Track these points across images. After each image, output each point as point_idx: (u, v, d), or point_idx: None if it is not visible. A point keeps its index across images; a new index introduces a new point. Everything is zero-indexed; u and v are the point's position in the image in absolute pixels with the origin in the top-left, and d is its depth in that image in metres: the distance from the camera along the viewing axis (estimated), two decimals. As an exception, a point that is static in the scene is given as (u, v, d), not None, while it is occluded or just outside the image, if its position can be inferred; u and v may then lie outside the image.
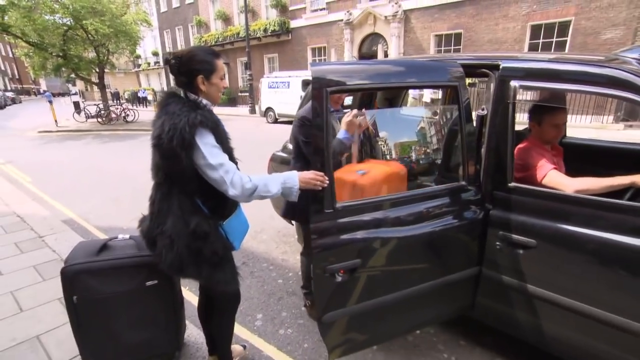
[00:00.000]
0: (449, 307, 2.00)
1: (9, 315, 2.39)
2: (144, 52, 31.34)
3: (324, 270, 1.55)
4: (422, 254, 1.80)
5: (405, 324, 1.95)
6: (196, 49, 1.46)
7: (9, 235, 3.70)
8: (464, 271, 1.89)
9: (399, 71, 1.80)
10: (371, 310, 1.74)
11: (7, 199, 4.95)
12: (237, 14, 22.40)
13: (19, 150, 9.82)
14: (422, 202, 1.76)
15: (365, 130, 2.01)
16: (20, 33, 12.84)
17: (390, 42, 15.12)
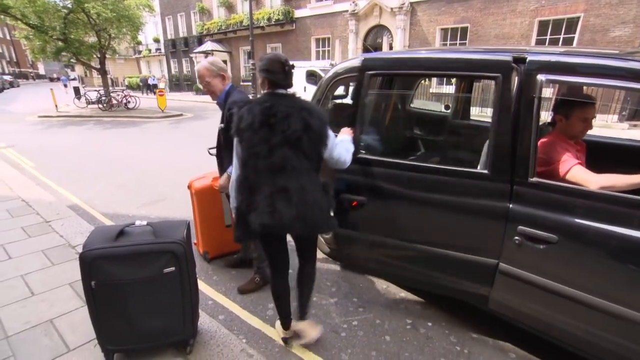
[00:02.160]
0: (461, 285, 2.07)
1: (21, 299, 2.39)
2: (145, 38, 30.91)
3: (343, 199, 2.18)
4: (431, 219, 2.06)
5: (408, 275, 2.26)
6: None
7: (16, 220, 3.68)
8: (478, 257, 1.93)
9: (439, 59, 2.03)
10: (377, 243, 2.23)
11: (11, 183, 4.92)
12: (240, 2, 22.09)
13: (19, 134, 9.73)
14: (442, 175, 1.99)
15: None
16: (20, 15, 12.62)
17: (396, 34, 14.97)
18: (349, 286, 2.74)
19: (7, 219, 3.71)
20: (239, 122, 1.68)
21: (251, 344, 2.11)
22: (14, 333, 2.09)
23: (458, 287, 2.11)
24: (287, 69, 1.77)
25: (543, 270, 1.73)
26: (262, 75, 1.78)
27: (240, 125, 1.67)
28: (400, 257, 2.26)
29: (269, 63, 1.75)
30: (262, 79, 1.80)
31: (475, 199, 1.92)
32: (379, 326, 2.29)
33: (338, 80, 2.88)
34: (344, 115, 3.25)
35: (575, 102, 1.89)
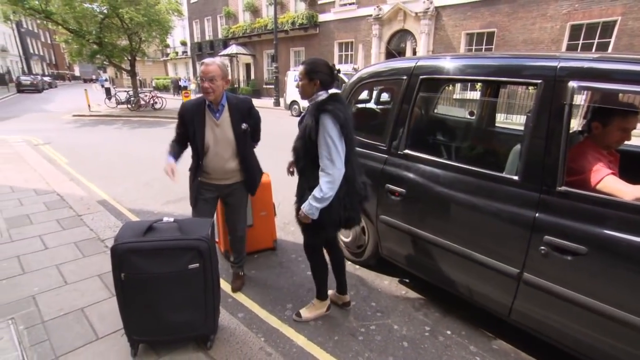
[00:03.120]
0: (483, 290, 2.08)
1: (55, 287, 2.52)
2: (173, 41, 31.95)
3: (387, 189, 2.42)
4: (460, 219, 2.11)
5: (435, 270, 2.32)
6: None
7: (51, 212, 3.88)
8: (501, 264, 1.91)
9: (489, 65, 2.08)
10: (409, 234, 2.37)
11: (48, 178, 5.19)
12: (265, 6, 22.49)
13: (56, 132, 10.26)
14: (473, 176, 2.04)
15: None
16: (61, 20, 13.36)
17: (420, 39, 14.84)
18: (367, 290, 2.73)
19: (44, 211, 3.92)
20: (345, 121, 1.86)
21: (269, 343, 2.14)
22: (50, 319, 2.21)
23: (480, 291, 2.09)
24: (334, 71, 2.01)
25: (570, 282, 1.67)
26: (318, 77, 1.94)
27: (345, 123, 1.86)
28: (429, 250, 2.31)
29: (319, 66, 1.96)
30: (312, 81, 1.95)
31: (501, 203, 1.90)
32: (396, 332, 2.27)
33: (363, 84, 2.91)
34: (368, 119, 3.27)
35: (616, 110, 1.83)
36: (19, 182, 5.02)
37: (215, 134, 2.28)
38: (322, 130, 1.84)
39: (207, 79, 2.14)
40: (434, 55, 2.93)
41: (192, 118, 2.25)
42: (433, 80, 2.37)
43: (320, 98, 1.96)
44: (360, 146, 2.80)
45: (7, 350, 1.97)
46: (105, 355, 1.92)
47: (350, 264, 3.12)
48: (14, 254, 2.99)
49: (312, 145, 1.90)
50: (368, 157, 2.69)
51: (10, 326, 2.16)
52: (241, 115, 2.34)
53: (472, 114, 3.38)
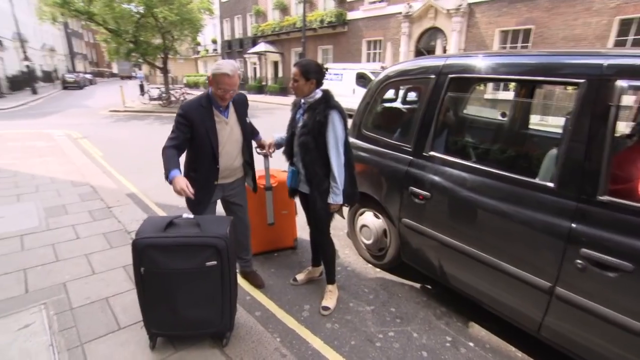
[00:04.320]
0: (512, 302, 1.95)
1: (84, 276, 2.62)
2: (204, 39, 32.73)
3: (411, 192, 2.37)
4: (488, 226, 1.99)
5: (458, 278, 2.24)
6: None
7: (84, 203, 4.06)
8: (532, 276, 1.79)
9: (526, 63, 1.95)
10: (432, 239, 2.30)
11: (83, 171, 5.45)
12: (294, 5, 22.57)
13: (93, 126, 10.78)
14: (503, 182, 1.93)
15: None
16: (101, 20, 14.02)
17: (451, 37, 14.38)
18: (387, 295, 2.65)
19: (78, 202, 4.11)
20: (346, 121, 2.15)
21: (285, 344, 2.12)
22: (77, 306, 2.30)
23: (507, 303, 1.97)
24: (324, 70, 2.22)
25: (611, 300, 1.53)
26: (314, 77, 2.13)
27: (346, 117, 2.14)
28: (453, 256, 2.20)
29: (313, 66, 2.15)
30: (309, 80, 2.14)
31: (533, 211, 1.78)
32: (416, 340, 2.19)
33: (389, 83, 2.83)
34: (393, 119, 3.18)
35: None
36: (59, 173, 5.29)
37: (226, 132, 2.25)
38: (331, 125, 2.10)
39: (229, 90, 2.11)
40: (465, 53, 2.79)
41: (202, 119, 2.14)
42: (463, 80, 2.26)
43: (318, 96, 2.19)
44: (384, 147, 2.73)
45: (38, 334, 2.07)
46: (125, 346, 1.96)
47: (371, 267, 3.05)
48: (50, 242, 3.14)
49: (322, 139, 2.13)
50: (392, 158, 2.61)
51: (42, 311, 2.26)
52: (244, 110, 2.38)
53: (505, 115, 3.21)
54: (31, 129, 9.57)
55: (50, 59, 39.55)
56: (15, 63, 26.26)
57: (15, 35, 23.07)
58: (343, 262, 3.15)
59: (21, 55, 23.67)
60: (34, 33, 31.74)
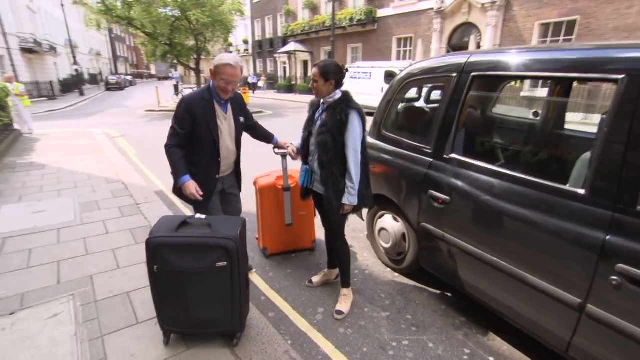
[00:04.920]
0: (537, 318, 1.81)
1: (109, 270, 2.73)
2: (236, 40, 33.44)
3: (430, 195, 2.26)
4: (511, 235, 1.85)
5: (479, 288, 2.10)
6: None
7: (115, 200, 4.26)
8: (560, 290, 1.64)
9: (556, 59, 1.79)
10: (452, 245, 2.18)
11: (117, 168, 5.72)
12: (324, 3, 22.54)
13: (130, 125, 11.33)
14: (529, 187, 1.79)
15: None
16: (140, 24, 14.73)
17: (485, 32, 13.77)
18: (404, 301, 2.56)
19: (110, 198, 4.31)
20: (365, 122, 2.14)
21: (295, 347, 2.09)
22: (101, 299, 2.40)
23: (532, 319, 1.82)
24: (344, 71, 2.22)
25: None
26: (333, 78, 2.12)
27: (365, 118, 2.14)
28: (474, 265, 2.07)
29: (332, 67, 2.14)
30: (328, 81, 2.12)
31: (561, 220, 1.63)
32: (431, 350, 2.09)
33: (411, 81, 2.72)
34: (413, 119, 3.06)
35: None
36: (96, 170, 5.59)
37: (225, 127, 2.30)
38: (351, 125, 2.08)
39: (233, 82, 2.15)
40: (490, 49, 2.63)
41: (204, 113, 2.18)
42: (487, 78, 2.12)
43: (337, 96, 2.18)
44: (404, 148, 2.63)
45: (64, 324, 2.18)
46: (141, 340, 2.02)
47: (390, 271, 2.97)
48: (82, 236, 3.32)
49: (341, 139, 2.11)
50: (411, 160, 2.51)
51: (70, 302, 2.38)
52: (240, 109, 2.44)
53: (537, 115, 3.00)
54: (76, 129, 10.20)
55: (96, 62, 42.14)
56: (66, 67, 28.22)
57: (67, 42, 24.74)
58: (361, 265, 3.08)
59: (71, 60, 25.33)
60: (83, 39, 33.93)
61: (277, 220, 3.05)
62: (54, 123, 11.78)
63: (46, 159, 6.38)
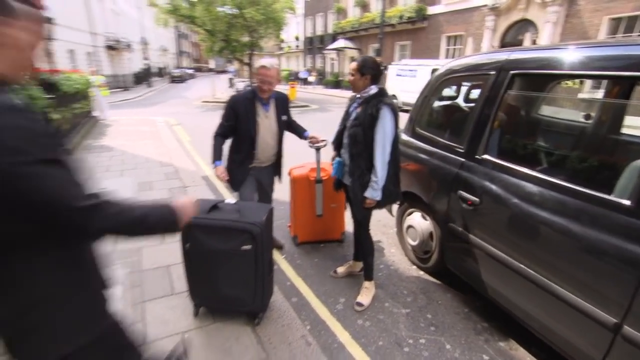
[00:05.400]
0: (565, 334, 1.65)
1: (155, 244, 2.92)
2: (288, 36, 33.86)
3: (459, 196, 2.12)
4: (541, 240, 1.70)
5: (504, 295, 1.95)
6: None
7: (167, 182, 4.55)
8: (594, 308, 1.47)
9: (602, 57, 1.60)
10: (478, 248, 2.03)
11: (172, 153, 6.10)
12: (375, 1, 22.00)
13: (187, 115, 12.00)
14: (563, 193, 1.62)
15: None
16: (201, 22, 15.44)
17: (543, 29, 12.59)
18: (426, 300, 2.46)
19: (163, 180, 4.62)
20: (397, 112, 2.08)
21: (313, 333, 2.10)
22: (146, 269, 2.59)
23: (561, 334, 1.66)
24: (381, 67, 2.18)
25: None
26: (368, 73, 2.11)
27: (398, 114, 2.09)
28: (500, 271, 1.92)
29: (369, 63, 2.13)
30: (364, 76, 2.12)
31: (602, 232, 1.45)
32: (448, 352, 1.99)
33: (449, 79, 2.58)
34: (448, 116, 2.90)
35: None
36: (153, 154, 6.01)
37: (264, 124, 2.48)
38: (382, 121, 2.03)
39: (267, 81, 2.34)
40: (535, 46, 2.39)
41: (246, 111, 2.41)
42: (529, 77, 1.93)
43: (373, 92, 2.14)
44: (436, 146, 2.51)
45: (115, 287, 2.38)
46: (174, 310, 2.15)
47: (415, 268, 2.87)
48: (135, 212, 3.58)
49: (371, 133, 2.07)
50: (442, 159, 2.38)
51: (121, 269, 2.59)
52: (283, 108, 2.57)
53: (588, 118, 2.69)
54: (141, 116, 11.02)
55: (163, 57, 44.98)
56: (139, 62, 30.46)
57: (141, 39, 26.71)
58: (387, 260, 3.01)
59: (143, 55, 27.33)
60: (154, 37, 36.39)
61: (308, 210, 3.06)
62: (125, 111, 12.81)
63: (114, 142, 6.97)
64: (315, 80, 26.12)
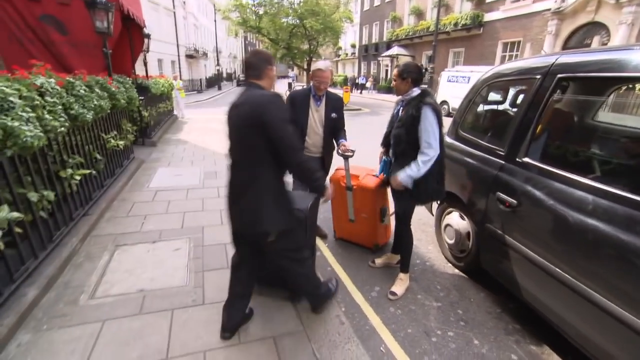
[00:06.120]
0: (601, 343, 1.52)
1: (216, 225, 3.21)
2: (344, 44, 33.92)
3: (497, 197, 2.05)
4: (581, 246, 1.57)
5: (539, 299, 1.84)
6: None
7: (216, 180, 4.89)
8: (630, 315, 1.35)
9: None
10: (515, 250, 1.94)
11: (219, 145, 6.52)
12: (430, 9, 21.16)
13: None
14: (609, 199, 1.49)
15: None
16: (266, 32, 16.23)
17: (616, 32, 11.12)
18: (458, 296, 2.39)
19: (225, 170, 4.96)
20: (440, 112, 2.08)
21: (347, 315, 2.17)
22: (207, 245, 2.85)
23: (598, 344, 1.53)
24: (422, 70, 2.21)
25: None
26: (408, 76, 2.14)
27: (441, 114, 2.09)
28: (537, 275, 1.82)
29: (410, 67, 2.17)
30: (405, 80, 2.15)
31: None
32: (475, 347, 1.93)
33: (495, 82, 2.47)
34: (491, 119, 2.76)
35: None
36: (219, 148, 6.48)
37: (314, 116, 2.66)
38: (424, 120, 2.02)
39: (322, 82, 2.54)
40: (587, 49, 2.18)
41: (301, 103, 2.64)
42: (578, 80, 1.79)
43: (415, 93, 2.14)
44: (477, 148, 2.43)
45: (182, 257, 2.67)
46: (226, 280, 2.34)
47: (450, 266, 2.79)
48: (201, 196, 3.94)
49: (414, 132, 2.07)
50: (483, 161, 2.30)
51: (187, 243, 2.89)
52: (333, 107, 2.69)
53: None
54: (211, 115, 11.91)
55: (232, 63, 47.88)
56: (212, 68, 32.83)
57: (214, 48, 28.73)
58: (423, 256, 2.96)
59: (215, 62, 29.40)
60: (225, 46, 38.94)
61: (342, 212, 2.99)
62: (199, 110, 13.93)
63: (189, 137, 7.65)
64: (372, 86, 25.87)
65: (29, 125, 2.01)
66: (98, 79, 3.92)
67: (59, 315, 1.95)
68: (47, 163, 2.47)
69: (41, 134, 2.11)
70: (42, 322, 1.89)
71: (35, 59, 2.82)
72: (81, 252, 2.67)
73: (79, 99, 3.05)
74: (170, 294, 2.18)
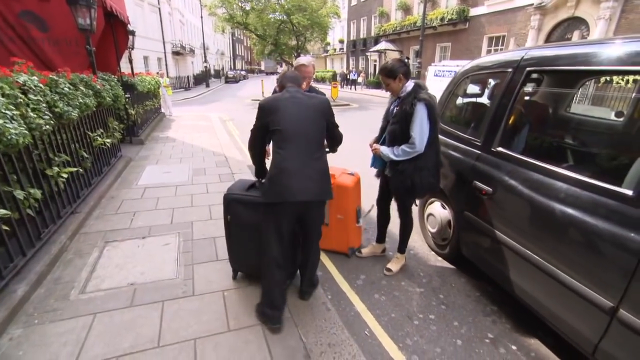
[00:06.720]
0: (565, 316, 1.64)
1: (205, 220, 3.25)
2: (332, 39, 33.83)
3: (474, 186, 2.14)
4: (547, 227, 1.68)
5: (511, 280, 1.94)
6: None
7: (217, 169, 4.93)
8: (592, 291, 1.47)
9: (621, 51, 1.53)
10: (489, 236, 2.05)
11: (223, 145, 6.54)
12: (417, 4, 21.26)
13: (238, 112, 12.63)
14: (571, 184, 1.60)
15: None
16: (253, 28, 16.11)
17: (595, 26, 11.43)
18: (440, 282, 2.50)
19: (213, 167, 5.00)
20: (435, 107, 2.10)
21: (333, 302, 2.25)
22: (196, 239, 2.89)
23: (562, 317, 1.65)
24: (406, 60, 2.25)
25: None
26: (400, 72, 2.17)
27: (435, 108, 2.10)
28: (509, 257, 1.93)
29: (393, 65, 2.19)
30: (398, 77, 2.18)
31: (604, 220, 1.43)
32: (455, 328, 2.04)
33: (471, 76, 2.56)
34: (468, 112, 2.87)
35: None
36: (207, 145, 6.48)
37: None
38: (416, 116, 2.08)
39: (306, 76, 2.48)
40: (552, 44, 2.28)
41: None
42: (546, 73, 1.89)
43: (409, 88, 2.17)
44: (456, 139, 2.52)
45: (171, 251, 2.71)
46: (217, 272, 2.40)
47: (433, 254, 2.90)
48: (190, 192, 3.96)
49: (408, 128, 2.13)
50: (461, 151, 2.40)
51: (176, 237, 2.93)
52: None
53: (621, 115, 2.51)
54: (199, 113, 11.81)
55: (220, 60, 47.30)
56: (199, 64, 32.38)
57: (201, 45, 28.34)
58: (408, 245, 3.02)
59: (203, 59, 29.02)
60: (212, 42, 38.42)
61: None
62: (186, 108, 13.79)
63: (176, 134, 7.60)
64: (363, 81, 26.00)
65: (14, 123, 2.02)
66: (82, 77, 3.88)
67: (50, 310, 1.97)
68: (32, 161, 2.47)
69: (26, 132, 2.12)
70: (33, 317, 1.92)
71: (16, 57, 2.79)
72: (70, 249, 2.68)
73: (63, 97, 3.04)
74: (160, 287, 2.22)
